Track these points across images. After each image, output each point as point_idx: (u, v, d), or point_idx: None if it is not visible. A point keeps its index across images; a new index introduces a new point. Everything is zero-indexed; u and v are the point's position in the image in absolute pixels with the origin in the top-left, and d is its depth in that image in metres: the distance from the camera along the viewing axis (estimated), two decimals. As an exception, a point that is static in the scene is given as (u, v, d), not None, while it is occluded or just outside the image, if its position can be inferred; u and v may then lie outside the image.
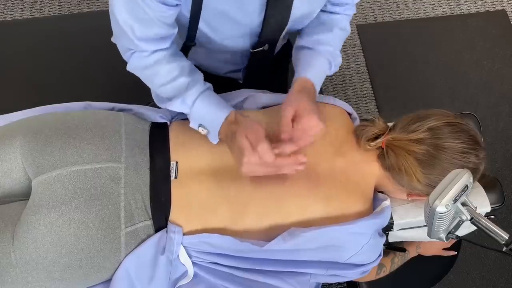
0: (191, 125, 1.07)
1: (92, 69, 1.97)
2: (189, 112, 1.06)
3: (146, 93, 1.26)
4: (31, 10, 2.13)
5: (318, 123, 1.00)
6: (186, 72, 1.07)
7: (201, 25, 1.08)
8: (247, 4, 1.01)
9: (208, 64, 1.28)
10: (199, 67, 1.27)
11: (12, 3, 2.14)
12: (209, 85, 1.09)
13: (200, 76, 1.09)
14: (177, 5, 0.99)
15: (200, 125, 1.06)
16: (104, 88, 1.92)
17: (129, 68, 1.09)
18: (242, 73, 1.33)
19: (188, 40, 1.16)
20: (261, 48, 1.15)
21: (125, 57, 1.08)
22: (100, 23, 2.07)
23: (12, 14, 2.12)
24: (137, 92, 1.88)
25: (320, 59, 1.14)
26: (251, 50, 1.15)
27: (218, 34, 1.10)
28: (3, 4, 2.14)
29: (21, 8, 2.13)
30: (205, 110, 1.04)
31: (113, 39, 1.08)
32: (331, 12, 1.17)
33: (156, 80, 1.07)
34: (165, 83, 1.06)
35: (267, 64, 1.28)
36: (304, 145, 1.00)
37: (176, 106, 1.06)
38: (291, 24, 1.10)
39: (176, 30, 1.05)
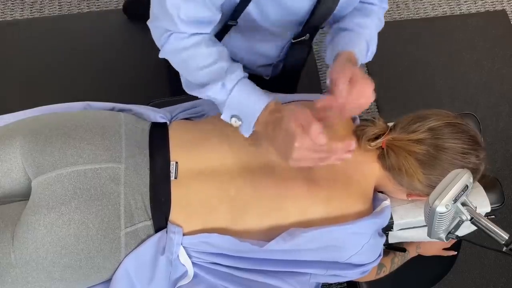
0: (222, 116, 1.01)
1: (92, 69, 1.97)
2: (225, 99, 0.99)
3: (146, 93, 1.26)
4: (31, 10, 2.13)
5: (372, 93, 1.00)
6: (225, 57, 1.03)
7: (251, 5, 1.06)
8: None
9: (241, 55, 1.26)
10: None
11: (12, 3, 2.14)
12: (246, 74, 1.04)
13: (238, 63, 1.04)
14: None
15: (233, 116, 1.00)
16: (104, 88, 1.92)
17: (163, 52, 1.05)
18: (272, 69, 1.32)
19: (231, 19, 1.11)
20: (303, 38, 1.14)
21: (160, 40, 1.04)
22: (100, 23, 2.09)
23: (12, 14, 2.12)
24: (137, 92, 1.88)
25: (362, 40, 1.13)
26: (293, 40, 1.14)
27: (265, 16, 1.08)
28: (3, 4, 2.14)
29: (21, 8, 2.13)
30: (243, 97, 0.99)
31: (149, 22, 1.05)
32: (369, 3, 1.19)
33: (192, 63, 1.02)
34: (202, 67, 1.01)
35: (304, 58, 1.27)
36: (349, 116, 1.02)
37: (213, 91, 1.00)
38: (336, 11, 1.11)
39: (220, 16, 1.03)
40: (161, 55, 1.06)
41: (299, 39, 1.14)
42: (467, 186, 0.88)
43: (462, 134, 1.06)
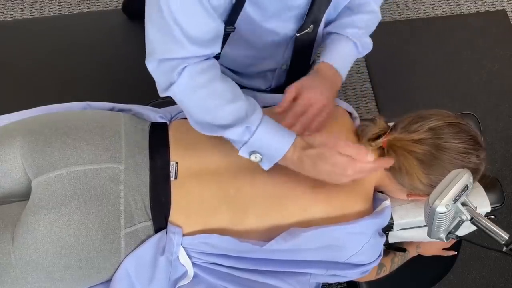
0: (240, 153, 0.98)
1: (92, 69, 1.97)
2: (246, 140, 0.95)
3: (146, 93, 1.25)
4: (31, 10, 2.13)
5: (320, 98, 1.02)
6: (241, 94, 0.98)
7: (247, 5, 1.03)
8: None
9: (243, 64, 1.23)
10: (227, 71, 1.25)
11: (12, 3, 2.14)
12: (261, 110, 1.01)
13: (252, 100, 1.00)
14: None
15: (252, 152, 0.97)
16: (104, 88, 1.93)
17: (176, 90, 0.95)
18: (276, 77, 1.29)
19: (227, 25, 1.06)
20: (306, 31, 1.12)
21: (171, 78, 0.94)
22: (100, 23, 2.09)
23: (12, 14, 2.12)
24: (137, 92, 1.88)
25: (343, 41, 1.15)
26: (297, 34, 1.12)
27: (264, 13, 1.06)
28: (3, 4, 2.14)
29: (21, 8, 2.13)
30: (267, 137, 0.96)
31: (149, 61, 0.94)
32: None
33: (211, 103, 0.96)
34: (222, 106, 0.95)
35: (308, 60, 1.26)
36: (308, 120, 1.03)
37: (235, 134, 0.96)
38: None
39: (223, 25, 0.97)
40: (172, 94, 0.96)
41: (303, 32, 1.12)
42: (467, 186, 0.88)
43: (462, 134, 1.06)
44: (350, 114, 1.23)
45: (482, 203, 1.15)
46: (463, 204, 0.89)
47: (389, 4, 2.20)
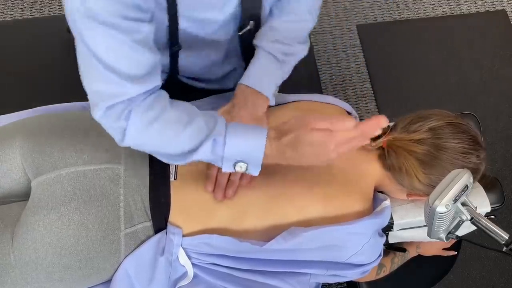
0: (224, 169, 0.92)
1: (92, 69, 1.97)
2: (221, 154, 0.90)
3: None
4: (31, 10, 2.13)
5: None
6: (197, 111, 0.93)
7: (182, 22, 1.01)
8: None
9: (202, 70, 1.20)
10: (194, 82, 1.23)
11: (12, 3, 2.14)
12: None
13: (212, 112, 0.97)
14: (150, 20, 0.87)
15: (236, 163, 0.91)
16: (104, 88, 1.92)
17: (129, 137, 0.90)
18: (239, 74, 1.24)
19: (172, 45, 1.06)
20: (248, 28, 1.08)
21: (119, 124, 0.89)
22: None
23: (12, 14, 2.12)
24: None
25: (261, 56, 1.11)
26: (239, 33, 1.09)
27: (199, 25, 1.03)
28: (3, 4, 2.14)
29: (21, 8, 2.13)
30: (240, 141, 0.90)
31: (95, 111, 0.88)
32: None
33: (169, 133, 0.90)
34: (180, 129, 0.90)
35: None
36: None
37: (207, 152, 0.90)
38: None
39: (159, 56, 0.91)
40: (131, 142, 0.91)
41: (245, 30, 1.08)
42: (467, 186, 0.88)
43: (463, 134, 1.06)
44: (349, 114, 1.23)
45: (482, 203, 1.15)
46: (463, 204, 0.89)
47: (389, 4, 2.21)
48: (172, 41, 1.06)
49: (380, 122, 0.85)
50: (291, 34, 1.12)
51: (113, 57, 0.84)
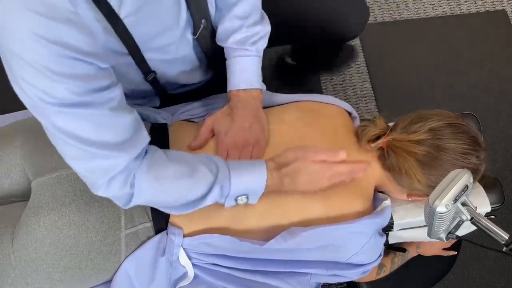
0: (227, 205, 0.97)
1: (92, 69, 1.96)
2: (227, 194, 0.95)
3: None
4: (31, 10, 2.13)
5: (242, 135, 1.07)
6: (192, 158, 0.95)
7: (146, 54, 1.01)
8: (164, 9, 0.95)
9: (185, 76, 1.20)
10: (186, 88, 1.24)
11: (12, 3, 2.14)
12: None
13: (206, 154, 0.98)
14: (115, 84, 0.85)
15: (237, 198, 0.96)
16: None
17: (136, 200, 0.90)
18: (204, 73, 1.27)
19: (146, 75, 1.06)
20: (201, 28, 1.07)
21: (127, 192, 0.88)
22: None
23: (12, 14, 2.11)
24: (137, 92, 1.86)
25: (232, 57, 1.12)
26: (194, 37, 1.08)
27: (163, 51, 1.04)
28: (3, 4, 2.13)
29: (21, 8, 2.13)
30: (244, 179, 0.95)
31: (97, 187, 0.87)
32: None
33: (177, 186, 0.92)
34: (188, 181, 0.92)
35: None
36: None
37: (216, 196, 0.94)
38: None
39: (136, 115, 0.91)
40: (133, 205, 0.91)
41: (199, 31, 1.08)
42: (467, 186, 0.88)
43: (463, 135, 1.06)
44: (349, 114, 1.23)
45: (482, 203, 1.15)
46: (463, 204, 0.89)
47: (389, 4, 2.20)
48: (145, 72, 1.06)
49: (365, 168, 1.01)
50: (245, 22, 1.11)
51: (96, 133, 0.82)
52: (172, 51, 1.07)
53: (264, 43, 1.15)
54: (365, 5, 1.47)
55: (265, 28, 1.15)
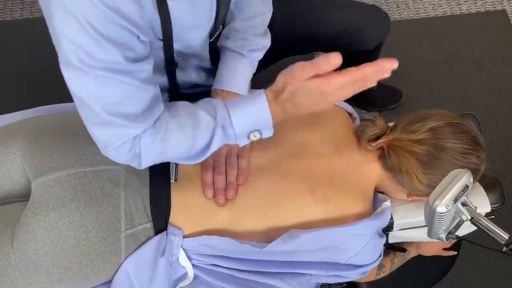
0: (241, 144, 0.94)
1: (92, 69, 1.96)
2: (233, 133, 0.92)
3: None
4: (31, 10, 2.13)
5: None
6: (192, 107, 0.95)
7: (175, 46, 1.01)
8: (203, 4, 0.96)
9: (194, 76, 1.19)
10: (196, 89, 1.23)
11: (12, 3, 2.14)
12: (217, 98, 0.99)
13: (205, 98, 0.98)
14: (148, 58, 0.87)
15: (249, 134, 0.93)
16: (104, 88, 1.92)
17: (145, 160, 0.92)
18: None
19: (168, 65, 1.06)
20: (218, 32, 1.08)
21: (133, 153, 0.90)
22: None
23: (12, 14, 2.12)
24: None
25: (229, 57, 1.12)
26: (210, 40, 1.08)
27: (187, 44, 1.04)
28: (3, 4, 2.14)
29: (21, 8, 2.13)
30: (245, 113, 0.91)
31: (109, 149, 0.90)
32: None
33: (181, 138, 0.92)
34: (190, 132, 0.92)
35: None
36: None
37: (220, 140, 0.93)
38: None
39: (158, 89, 0.92)
40: (145, 164, 0.93)
41: (215, 35, 1.08)
42: (467, 186, 0.88)
43: (463, 135, 1.06)
44: (350, 114, 1.23)
45: (482, 203, 1.15)
46: (463, 204, 0.89)
47: (389, 4, 2.20)
48: (168, 61, 1.06)
49: (389, 65, 0.86)
50: (251, 31, 1.12)
51: (119, 101, 0.84)
52: (195, 47, 1.06)
53: (260, 55, 1.14)
54: (385, 15, 1.43)
55: (266, 42, 1.15)
